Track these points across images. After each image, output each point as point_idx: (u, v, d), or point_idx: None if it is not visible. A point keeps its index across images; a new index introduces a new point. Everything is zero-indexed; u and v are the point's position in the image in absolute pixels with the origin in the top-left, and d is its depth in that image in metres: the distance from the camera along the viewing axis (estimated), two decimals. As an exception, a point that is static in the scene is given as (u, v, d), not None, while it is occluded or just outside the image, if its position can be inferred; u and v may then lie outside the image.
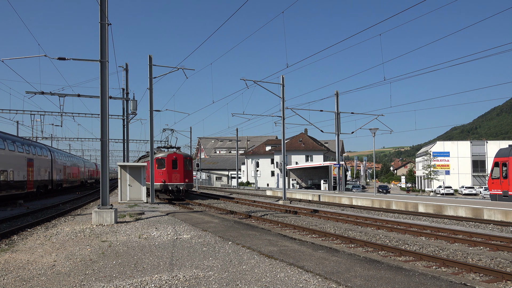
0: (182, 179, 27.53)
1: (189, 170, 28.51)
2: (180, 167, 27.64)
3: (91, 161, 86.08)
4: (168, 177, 27.07)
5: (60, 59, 15.91)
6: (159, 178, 26.90)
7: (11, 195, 25.39)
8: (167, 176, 27.07)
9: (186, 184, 27.71)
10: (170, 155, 27.62)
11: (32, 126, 34.31)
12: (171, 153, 27.78)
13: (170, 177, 27.11)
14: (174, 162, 27.56)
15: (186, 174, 27.88)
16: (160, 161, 27.44)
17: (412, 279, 6.20)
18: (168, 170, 27.23)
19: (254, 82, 29.24)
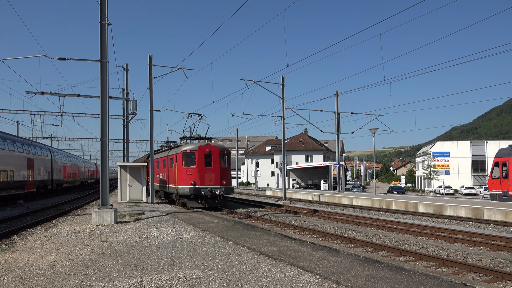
0: (219, 180, 20.56)
1: (227, 169, 21.46)
2: (215, 164, 20.73)
3: (91, 161, 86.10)
4: (199, 178, 20.24)
5: (60, 59, 15.91)
6: (187, 178, 20.36)
7: (11, 195, 25.39)
8: (199, 176, 20.26)
9: (224, 187, 20.61)
10: (203, 148, 20.77)
11: (32, 126, 34.32)
12: (203, 145, 20.91)
13: (203, 178, 20.29)
14: (208, 157, 20.79)
15: (223, 173, 20.97)
16: (189, 155, 20.68)
17: (412, 279, 6.20)
18: (199, 168, 20.35)
19: (254, 82, 29.25)
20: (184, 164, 20.54)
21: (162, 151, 28.22)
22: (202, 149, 20.74)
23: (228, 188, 20.84)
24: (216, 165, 20.71)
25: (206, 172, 20.45)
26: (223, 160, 21.18)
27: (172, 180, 22.16)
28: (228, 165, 21.58)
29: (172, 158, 22.27)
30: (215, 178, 20.54)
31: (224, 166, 21.20)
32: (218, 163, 20.73)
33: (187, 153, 20.69)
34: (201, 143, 21.24)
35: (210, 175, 20.49)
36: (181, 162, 20.71)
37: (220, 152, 21.08)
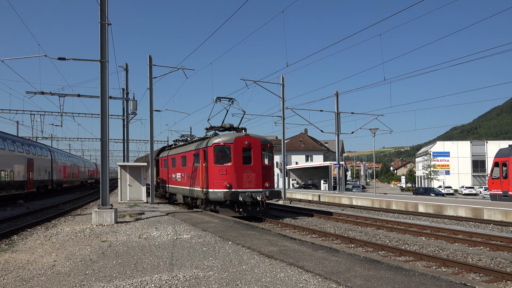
0: (260, 182, 16.30)
1: (270, 167, 17.23)
2: (256, 160, 16.41)
3: (91, 161, 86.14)
4: (236, 179, 15.96)
5: (60, 59, 15.91)
6: (220, 180, 16.05)
7: (11, 195, 25.39)
8: (235, 176, 15.94)
9: (268, 191, 16.22)
10: (240, 140, 16.38)
11: (32, 126, 34.33)
12: (241, 136, 16.53)
13: (240, 179, 16.02)
14: (247, 151, 16.40)
15: (266, 173, 16.76)
16: (222, 150, 16.32)
17: (412, 279, 6.20)
18: (236, 166, 16.03)
19: (254, 82, 29.24)
20: (216, 160, 16.18)
21: (177, 146, 23.50)
22: (239, 141, 16.27)
23: (273, 192, 16.29)
24: (257, 162, 16.39)
25: (245, 172, 16.10)
26: (265, 156, 17.00)
27: (197, 181, 17.77)
28: (271, 161, 17.37)
29: (196, 154, 18.17)
30: (256, 179, 16.22)
31: (267, 163, 16.99)
32: (259, 159, 16.47)
33: (220, 147, 16.22)
34: (238, 134, 16.68)
35: (250, 176, 16.17)
36: (211, 158, 16.29)
37: (262, 145, 16.72)
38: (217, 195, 16.03)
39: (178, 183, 21.72)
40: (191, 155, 19.06)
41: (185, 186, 20.18)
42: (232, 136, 16.66)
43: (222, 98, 18.63)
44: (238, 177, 16.05)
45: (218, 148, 16.38)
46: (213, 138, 17.04)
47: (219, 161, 16.30)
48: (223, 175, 16.09)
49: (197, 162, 17.92)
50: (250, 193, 15.78)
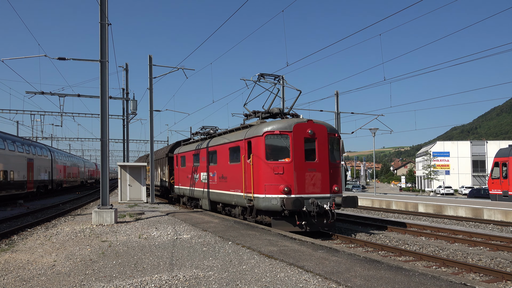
0: (327, 185, 12.43)
1: (338, 165, 13.22)
2: (322, 155, 12.52)
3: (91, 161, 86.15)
4: (297, 181, 12.07)
5: (60, 59, 15.93)
6: (274, 181, 12.11)
7: (11, 195, 25.40)
8: (296, 177, 12.07)
9: (338, 196, 12.48)
10: (301, 127, 12.44)
11: (32, 126, 34.35)
12: (301, 122, 12.56)
13: (302, 181, 12.13)
14: (310, 143, 12.56)
15: (334, 173, 12.81)
16: (278, 140, 12.41)
17: (412, 279, 6.20)
18: (297, 164, 12.15)
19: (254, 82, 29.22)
20: (268, 155, 12.19)
21: (200, 140, 19.83)
22: (300, 129, 12.31)
23: (347, 199, 12.18)
24: (324, 158, 12.44)
25: (308, 171, 12.17)
26: (332, 150, 13.01)
27: (236, 183, 13.98)
28: (338, 157, 13.31)
29: (234, 148, 14.23)
30: (322, 181, 12.30)
31: (334, 160, 13.01)
32: (326, 154, 12.50)
33: (275, 137, 12.27)
34: (298, 120, 12.61)
35: (314, 176, 12.23)
36: (261, 153, 12.26)
37: (329, 134, 12.79)
38: (270, 202, 11.85)
39: (203, 185, 17.78)
40: (224, 150, 15.21)
41: (215, 189, 16.24)
42: (290, 122, 12.45)
43: (267, 75, 15.00)
44: (300, 178, 12.01)
45: (272, 138, 12.28)
46: (262, 125, 12.76)
47: (272, 156, 12.23)
48: (279, 175, 12.00)
49: (235, 159, 14.17)
50: (315, 200, 11.84)
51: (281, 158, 12.28)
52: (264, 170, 12.22)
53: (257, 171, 12.45)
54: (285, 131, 12.30)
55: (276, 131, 12.31)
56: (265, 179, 12.16)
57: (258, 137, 12.50)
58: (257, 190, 12.37)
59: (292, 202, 11.27)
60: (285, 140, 12.29)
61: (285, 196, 11.80)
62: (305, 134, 12.39)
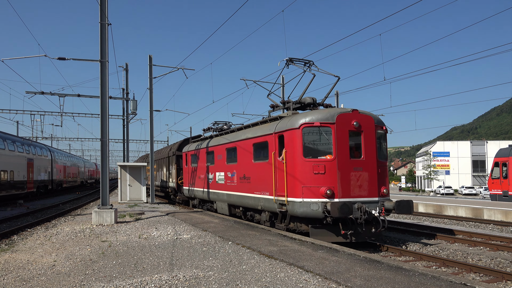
0: (376, 186, 10.74)
1: (385, 163, 11.43)
2: (369, 152, 10.85)
3: (91, 161, 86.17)
4: (341, 182, 10.38)
5: (60, 59, 15.93)
6: (313, 183, 10.42)
7: (11, 195, 25.41)
8: (340, 177, 10.38)
9: (386, 200, 10.85)
10: (345, 118, 10.72)
11: (32, 126, 34.35)
12: (346, 113, 10.81)
13: (347, 182, 10.44)
14: (355, 137, 10.94)
15: (382, 172, 11.10)
16: (318, 134, 10.77)
17: (412, 279, 6.20)
18: (341, 161, 10.46)
19: (254, 82, 29.21)
20: (306, 152, 10.49)
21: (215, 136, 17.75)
22: (344, 120, 10.58)
23: (401, 204, 10.36)
24: (371, 155, 10.72)
25: (353, 170, 10.44)
26: (380, 146, 11.25)
27: (264, 185, 12.27)
28: (385, 154, 11.53)
29: (261, 144, 12.60)
30: (370, 182, 10.56)
31: (382, 158, 11.25)
32: (373, 150, 10.79)
33: (314, 129, 10.56)
34: (341, 110, 10.84)
35: (361, 177, 10.49)
36: (297, 148, 10.55)
37: (376, 127, 11.10)
38: (309, 207, 10.11)
39: (219, 187, 16.07)
40: (247, 146, 13.48)
41: (235, 191, 14.45)
42: (332, 112, 10.69)
43: (297, 60, 12.65)
44: (344, 179, 10.28)
45: (311, 131, 10.56)
46: (297, 116, 11.02)
47: (311, 152, 10.52)
48: (320, 175, 10.26)
49: (262, 156, 12.54)
50: (362, 205, 9.99)
51: (321, 155, 10.52)
52: (301, 170, 10.47)
53: (292, 170, 10.67)
54: (327, 123, 10.50)
55: (316, 123, 10.54)
56: (303, 180, 10.39)
57: (294, 130, 10.73)
58: (293, 193, 10.59)
59: (340, 207, 9.46)
60: (327, 134, 10.52)
61: (328, 200, 10.05)
62: (350, 127, 10.62)
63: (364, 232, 10.45)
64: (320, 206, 10.07)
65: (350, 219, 10.13)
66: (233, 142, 14.76)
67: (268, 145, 12.06)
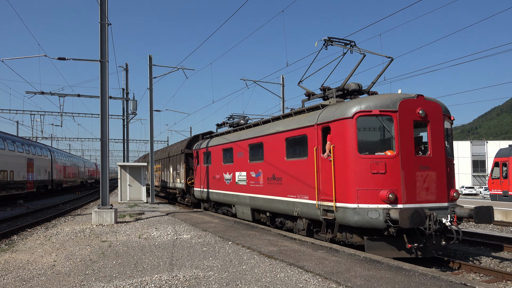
0: (445, 189, 8.79)
1: (452, 160, 9.68)
2: (438, 147, 8.93)
3: (91, 161, 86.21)
4: (405, 183, 8.43)
5: (60, 59, 15.94)
6: (370, 185, 8.53)
7: (11, 195, 25.41)
8: (404, 178, 8.43)
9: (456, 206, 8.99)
10: (409, 105, 8.75)
11: (32, 126, 34.38)
12: (410, 98, 8.82)
13: (412, 183, 8.49)
14: (420, 128, 9.35)
15: (450, 172, 9.31)
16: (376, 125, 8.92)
17: (412, 279, 6.20)
18: (405, 159, 8.49)
19: (254, 82, 29.25)
20: (360, 147, 8.77)
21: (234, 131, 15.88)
22: (408, 107, 8.76)
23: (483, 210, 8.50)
24: (439, 152, 8.96)
25: (419, 169, 8.65)
26: (447, 140, 9.47)
27: (302, 187, 10.44)
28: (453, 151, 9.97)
29: (296, 138, 10.90)
30: (438, 184, 8.78)
31: (450, 154, 9.58)
32: (442, 145, 9.04)
33: (371, 119, 8.80)
34: (404, 95, 8.97)
35: (428, 177, 8.70)
36: (351, 143, 8.80)
37: (445, 116, 9.33)
38: (366, 215, 8.34)
39: (241, 189, 14.23)
40: (277, 141, 11.74)
41: (261, 194, 12.70)
42: (393, 97, 8.81)
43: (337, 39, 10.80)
44: (409, 180, 8.48)
45: (368, 121, 8.80)
46: (349, 103, 9.22)
47: (368, 147, 8.84)
48: (379, 175, 8.48)
49: (298, 153, 10.80)
50: (431, 212, 8.11)
51: (379, 151, 8.74)
52: (355, 168, 8.63)
53: (342, 169, 8.86)
54: (388, 111, 8.61)
55: (374, 111, 8.65)
56: (358, 181, 8.56)
57: (345, 120, 8.86)
58: (344, 197, 8.76)
59: (411, 216, 7.62)
60: (388, 124, 8.68)
61: (390, 206, 8.22)
62: (414, 116, 8.74)
63: (432, 246, 8.50)
64: (381, 214, 8.19)
65: (418, 230, 8.45)
66: (259, 137, 12.90)
67: (307, 140, 10.18)
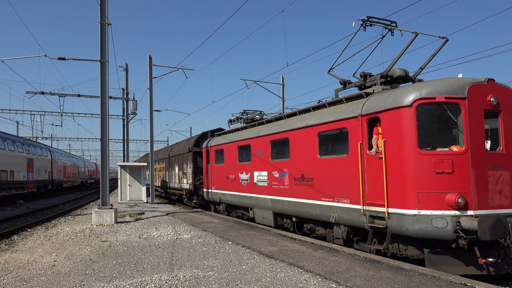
0: None
1: None
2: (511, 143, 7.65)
3: (91, 161, 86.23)
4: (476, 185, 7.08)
5: (60, 59, 15.95)
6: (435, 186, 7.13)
7: (11, 195, 25.41)
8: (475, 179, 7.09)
9: None
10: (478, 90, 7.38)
11: (32, 126, 34.39)
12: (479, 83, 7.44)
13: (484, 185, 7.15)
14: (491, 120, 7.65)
15: None
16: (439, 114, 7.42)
17: (412, 279, 6.20)
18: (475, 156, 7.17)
19: (254, 82, 29.26)
20: (421, 141, 7.41)
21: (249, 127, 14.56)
22: (477, 94, 7.46)
23: None
24: None
25: (491, 169, 7.37)
26: None
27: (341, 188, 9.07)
28: None
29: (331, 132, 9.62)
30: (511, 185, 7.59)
31: None
32: None
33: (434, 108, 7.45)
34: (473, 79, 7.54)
35: (501, 178, 7.44)
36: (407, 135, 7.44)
37: None
38: (430, 224, 7.06)
39: (261, 190, 12.92)
40: (309, 136, 10.33)
41: (286, 196, 11.33)
42: (460, 82, 7.45)
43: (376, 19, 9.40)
44: (480, 182, 7.23)
45: (429, 110, 7.45)
46: (404, 89, 7.79)
47: (429, 142, 7.47)
48: (445, 176, 7.18)
49: (334, 149, 9.54)
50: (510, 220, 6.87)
51: (442, 146, 7.39)
52: (414, 167, 7.27)
53: (397, 168, 7.50)
54: (454, 98, 7.27)
55: (438, 97, 7.27)
56: (418, 182, 7.23)
57: (401, 109, 7.50)
58: (399, 202, 7.41)
59: (492, 226, 6.48)
60: (454, 114, 7.33)
61: (459, 212, 6.96)
62: (485, 104, 7.44)
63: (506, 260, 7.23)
64: (449, 222, 6.89)
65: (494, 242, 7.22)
66: (283, 132, 11.55)
67: (348, 134, 8.85)
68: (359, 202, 8.43)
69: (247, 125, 14.72)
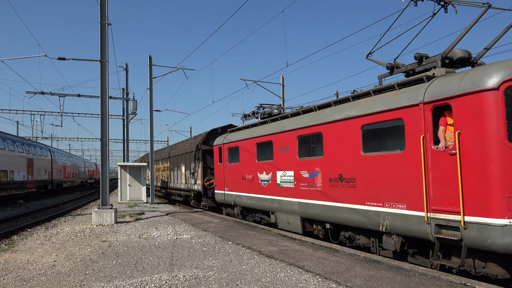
0: None
1: None
2: None
3: (91, 161, 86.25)
4: None
5: (60, 59, 15.95)
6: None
7: (11, 195, 25.42)
8: None
9: None
10: None
11: (32, 126, 34.39)
12: None
13: None
14: None
15: None
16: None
17: (412, 279, 6.20)
18: None
19: (254, 82, 29.26)
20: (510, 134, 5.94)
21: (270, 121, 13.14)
22: None
23: None
24: None
25: None
26: None
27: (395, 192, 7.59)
28: None
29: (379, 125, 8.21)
30: None
31: None
32: None
33: None
34: None
35: None
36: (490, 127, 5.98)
37: None
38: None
39: (285, 192, 11.47)
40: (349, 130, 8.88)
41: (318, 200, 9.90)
42: None
43: None
44: None
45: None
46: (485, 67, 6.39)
47: None
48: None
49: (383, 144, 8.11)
50: None
51: None
52: (503, 165, 5.94)
53: (478, 166, 6.15)
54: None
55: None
56: (509, 184, 5.90)
57: (482, 93, 6.11)
58: (482, 209, 6.03)
59: None
60: None
61: None
62: None
63: None
64: None
65: None
66: (315, 126, 10.05)
67: (404, 125, 7.47)
68: (420, 208, 7.03)
69: (267, 119, 13.24)
